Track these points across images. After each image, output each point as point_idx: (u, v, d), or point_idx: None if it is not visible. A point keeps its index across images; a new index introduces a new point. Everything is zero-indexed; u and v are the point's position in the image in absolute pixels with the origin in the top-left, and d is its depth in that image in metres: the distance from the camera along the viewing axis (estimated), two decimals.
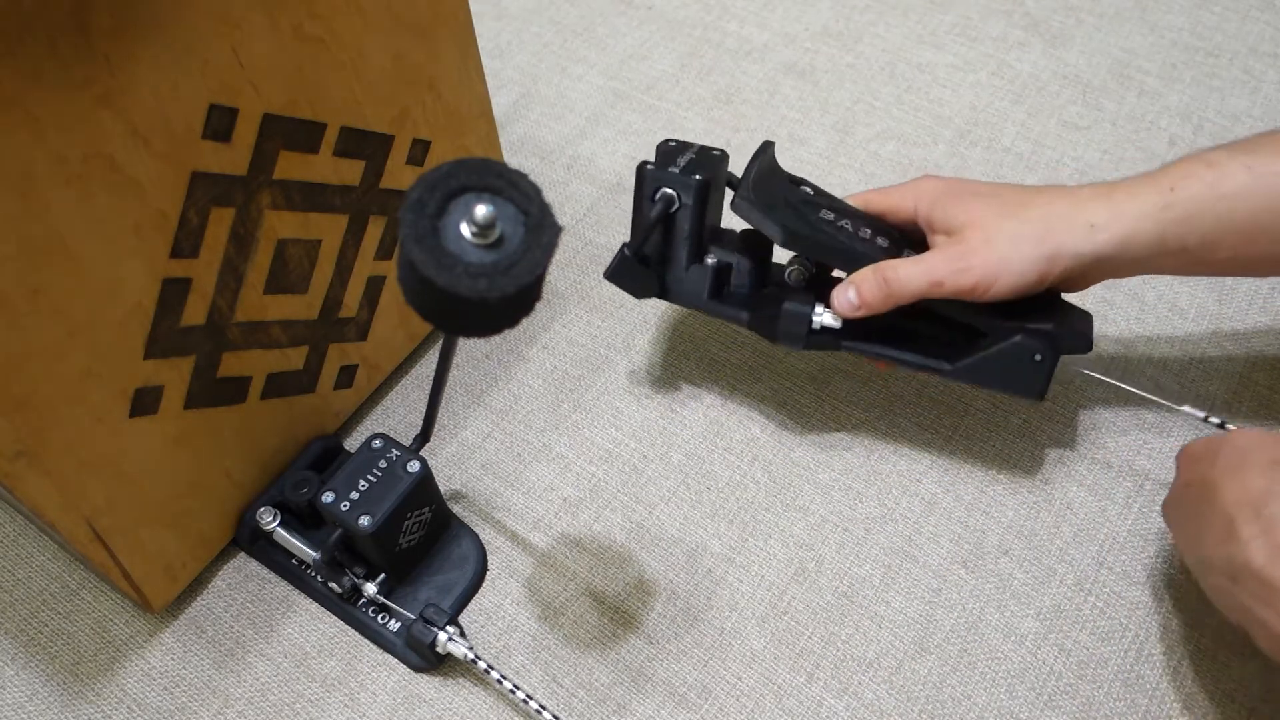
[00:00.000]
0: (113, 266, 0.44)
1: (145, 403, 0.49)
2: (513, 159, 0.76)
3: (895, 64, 0.80)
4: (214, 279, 0.50)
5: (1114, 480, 0.58)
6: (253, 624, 0.56)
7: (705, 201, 0.55)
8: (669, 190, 0.55)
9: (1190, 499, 0.47)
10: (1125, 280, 0.67)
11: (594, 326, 0.67)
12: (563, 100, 0.80)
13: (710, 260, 0.56)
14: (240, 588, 0.58)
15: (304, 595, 0.57)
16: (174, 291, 0.48)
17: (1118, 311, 0.65)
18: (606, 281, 0.57)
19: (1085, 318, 0.54)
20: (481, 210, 0.37)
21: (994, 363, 0.52)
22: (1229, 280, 0.66)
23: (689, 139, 0.76)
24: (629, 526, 0.59)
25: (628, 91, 0.80)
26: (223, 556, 0.59)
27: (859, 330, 0.55)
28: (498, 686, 0.52)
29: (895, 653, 0.53)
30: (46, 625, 0.57)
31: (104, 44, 0.40)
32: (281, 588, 0.58)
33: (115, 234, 0.44)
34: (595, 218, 0.73)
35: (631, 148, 0.77)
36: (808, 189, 0.57)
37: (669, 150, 0.57)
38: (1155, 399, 0.57)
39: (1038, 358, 0.51)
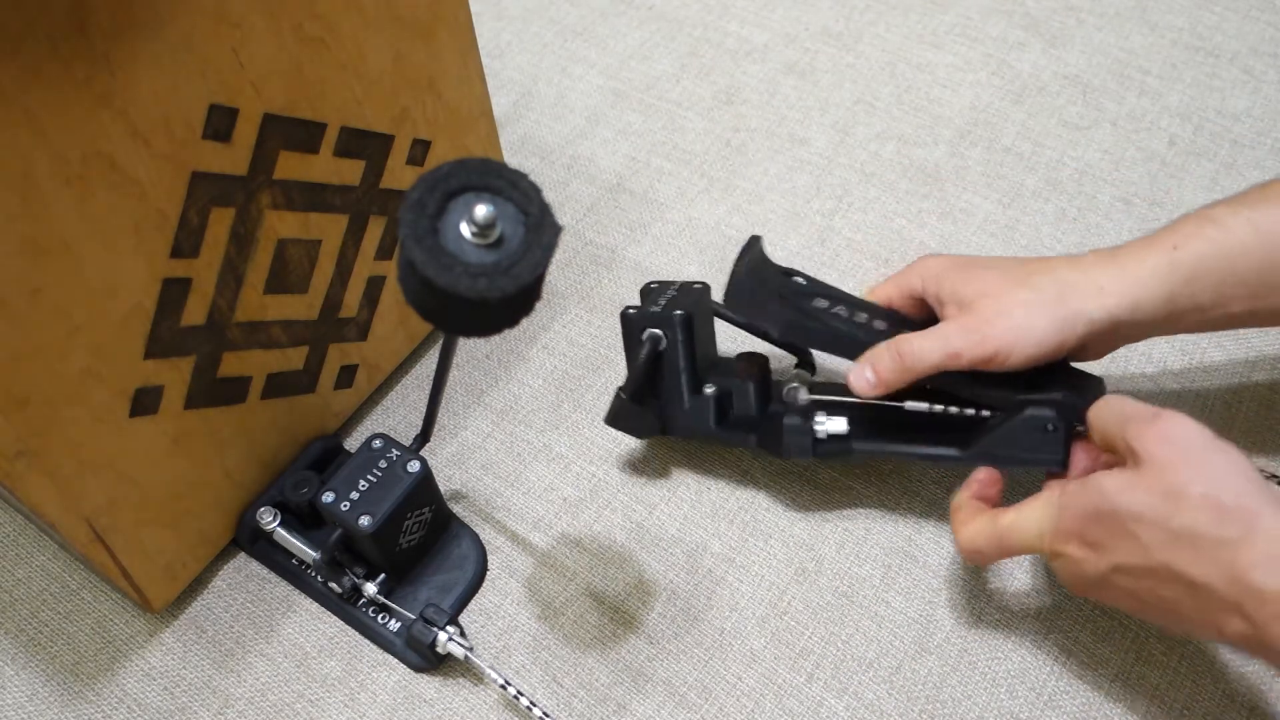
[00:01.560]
0: (113, 266, 0.44)
1: (145, 403, 0.49)
2: (513, 159, 0.76)
3: (895, 64, 0.80)
4: (214, 279, 0.50)
5: None
6: (253, 624, 0.56)
7: (692, 334, 0.55)
8: (655, 330, 0.55)
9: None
10: None
11: (594, 326, 0.67)
12: (563, 100, 0.80)
13: (709, 390, 0.56)
14: (240, 588, 0.58)
15: (304, 595, 0.57)
16: (174, 291, 0.48)
17: None
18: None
19: (1096, 382, 0.52)
20: (481, 210, 0.37)
21: (1007, 439, 0.50)
22: None
23: (689, 139, 0.76)
24: (629, 526, 0.59)
25: (628, 91, 0.80)
26: (223, 556, 0.59)
27: (867, 431, 0.54)
28: (498, 686, 0.52)
29: (895, 653, 0.53)
30: (47, 625, 0.57)
31: (104, 44, 0.40)
32: (281, 588, 0.58)
33: (115, 234, 0.44)
34: (595, 218, 0.73)
35: (631, 148, 0.77)
36: (800, 279, 0.56)
37: (650, 291, 0.58)
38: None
39: (1050, 428, 0.49)
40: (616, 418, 0.57)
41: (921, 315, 0.55)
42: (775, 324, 0.53)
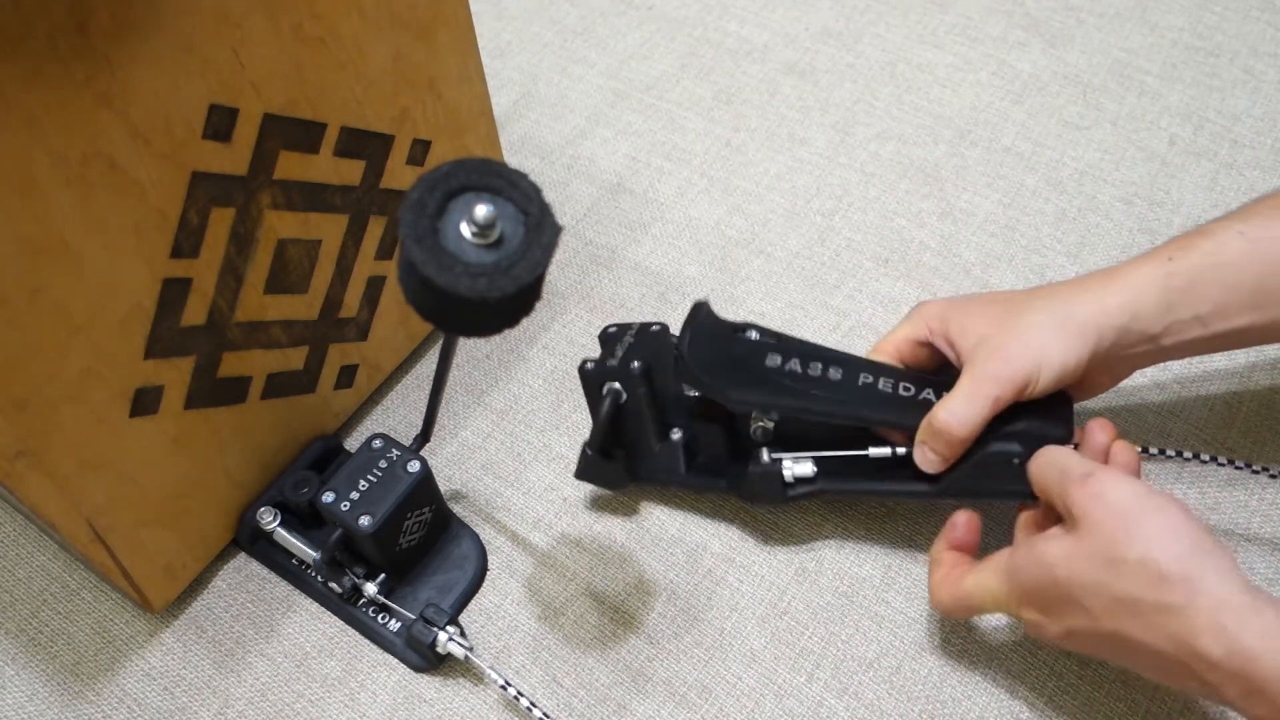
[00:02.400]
0: (113, 266, 0.44)
1: (145, 403, 0.49)
2: (513, 159, 0.76)
3: (895, 64, 0.80)
4: (214, 279, 0.50)
5: None
6: (253, 624, 0.56)
7: (653, 383, 0.54)
8: (614, 385, 0.54)
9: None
10: None
11: (594, 326, 0.67)
12: (563, 100, 0.80)
13: (676, 435, 0.55)
14: (240, 588, 0.58)
15: (304, 595, 0.57)
16: (174, 291, 0.48)
17: None
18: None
19: (1062, 402, 0.51)
20: (481, 210, 0.37)
21: (974, 474, 0.50)
22: None
23: (689, 139, 0.76)
24: (629, 526, 0.59)
25: (628, 91, 0.80)
26: (223, 556, 0.59)
27: (836, 470, 0.53)
28: (498, 687, 0.52)
29: (895, 653, 0.53)
30: (47, 625, 0.57)
31: (104, 44, 0.40)
32: (281, 588, 0.58)
33: (115, 234, 0.44)
34: (595, 218, 0.73)
35: (631, 148, 0.77)
36: (752, 333, 0.54)
37: (609, 338, 0.56)
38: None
39: (1016, 461, 0.49)
40: (585, 473, 0.57)
41: (934, 363, 0.54)
42: (727, 398, 0.51)
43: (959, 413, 0.48)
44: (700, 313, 0.54)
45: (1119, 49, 0.79)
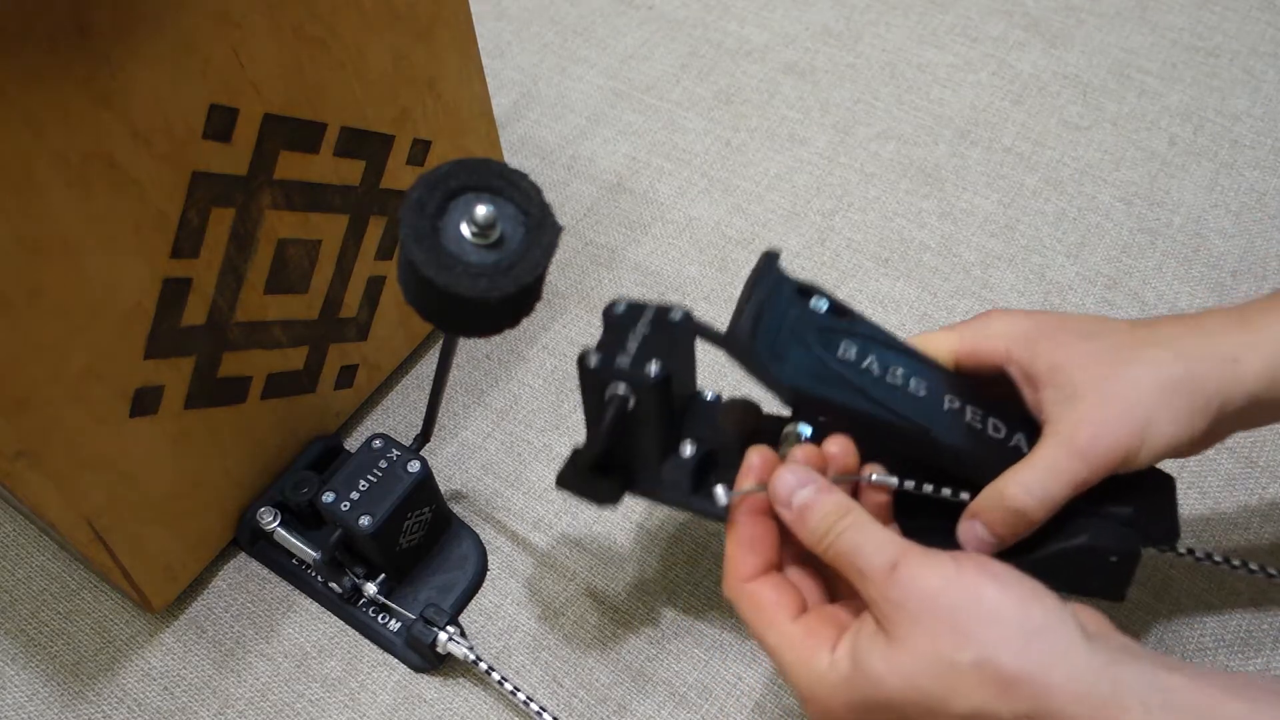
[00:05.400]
0: (113, 266, 0.44)
1: (145, 403, 0.49)
2: (513, 159, 0.76)
3: (895, 64, 0.80)
4: (214, 279, 0.50)
5: None
6: (253, 624, 0.56)
7: (668, 391, 0.42)
8: (620, 389, 0.42)
9: None
10: (1125, 279, 0.67)
11: (594, 326, 0.67)
12: (563, 100, 0.80)
13: (689, 451, 0.44)
14: (240, 588, 0.58)
15: (304, 595, 0.57)
16: (174, 291, 0.48)
17: (1118, 312, 0.65)
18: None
19: (1167, 487, 0.41)
20: (481, 210, 0.37)
21: (1053, 566, 0.40)
22: (1229, 281, 0.66)
23: (689, 139, 0.76)
24: (629, 526, 0.59)
25: (628, 91, 0.80)
26: (223, 556, 0.59)
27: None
28: (498, 686, 0.52)
29: None
30: (47, 625, 0.57)
31: (104, 44, 0.40)
32: (281, 588, 0.58)
33: (115, 234, 0.44)
34: (595, 218, 0.73)
35: (631, 148, 0.77)
36: (820, 301, 0.42)
37: (616, 321, 0.43)
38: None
39: (1113, 559, 0.39)
40: (571, 482, 0.46)
41: (989, 376, 0.43)
42: (785, 393, 0.40)
43: (1036, 491, 0.38)
44: (770, 270, 0.42)
45: (1119, 49, 0.79)
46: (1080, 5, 0.83)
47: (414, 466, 0.53)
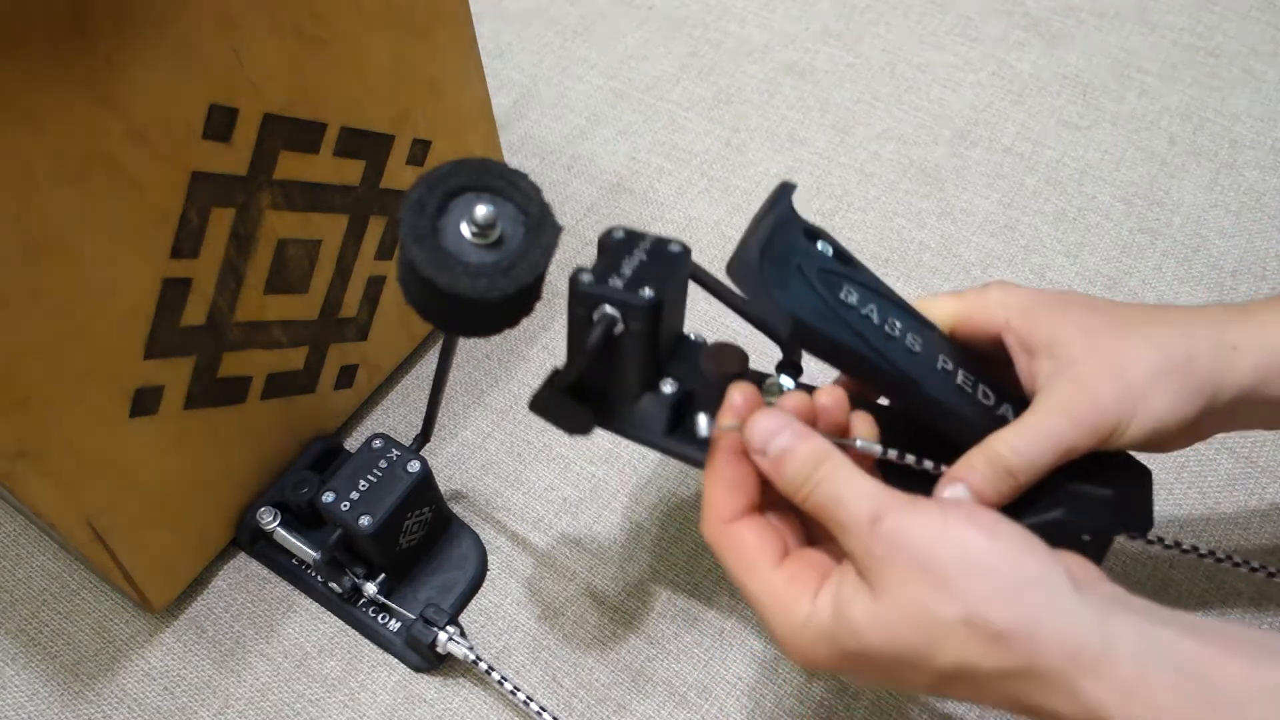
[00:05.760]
0: (113, 266, 0.44)
1: (145, 403, 0.49)
2: (513, 159, 0.76)
3: (895, 64, 0.80)
4: (214, 279, 0.50)
5: None
6: (253, 624, 0.56)
7: (658, 323, 0.42)
8: (611, 311, 0.41)
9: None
10: (1123, 279, 0.67)
11: None
12: (563, 100, 0.80)
13: (668, 389, 0.43)
14: (240, 588, 0.58)
15: (304, 595, 0.57)
16: (174, 291, 0.48)
17: None
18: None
19: (1145, 478, 0.41)
20: (481, 210, 0.37)
21: None
22: (1228, 281, 0.66)
23: (689, 139, 0.76)
24: (629, 526, 0.59)
25: (628, 91, 0.80)
26: (223, 556, 0.59)
27: None
28: (498, 686, 0.52)
29: None
30: (47, 625, 0.57)
31: (104, 44, 0.40)
32: (281, 588, 0.58)
33: (115, 234, 0.44)
34: (595, 218, 0.73)
35: (631, 148, 0.77)
36: (825, 245, 0.42)
37: (612, 246, 0.43)
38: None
39: (1085, 538, 0.39)
40: (544, 407, 0.45)
41: (984, 349, 0.43)
42: (784, 322, 0.39)
43: (1024, 451, 0.38)
44: (784, 201, 0.42)
45: (1119, 49, 0.79)
46: (1080, 5, 0.83)
47: (414, 466, 0.53)
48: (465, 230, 0.38)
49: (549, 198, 0.40)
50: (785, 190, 0.42)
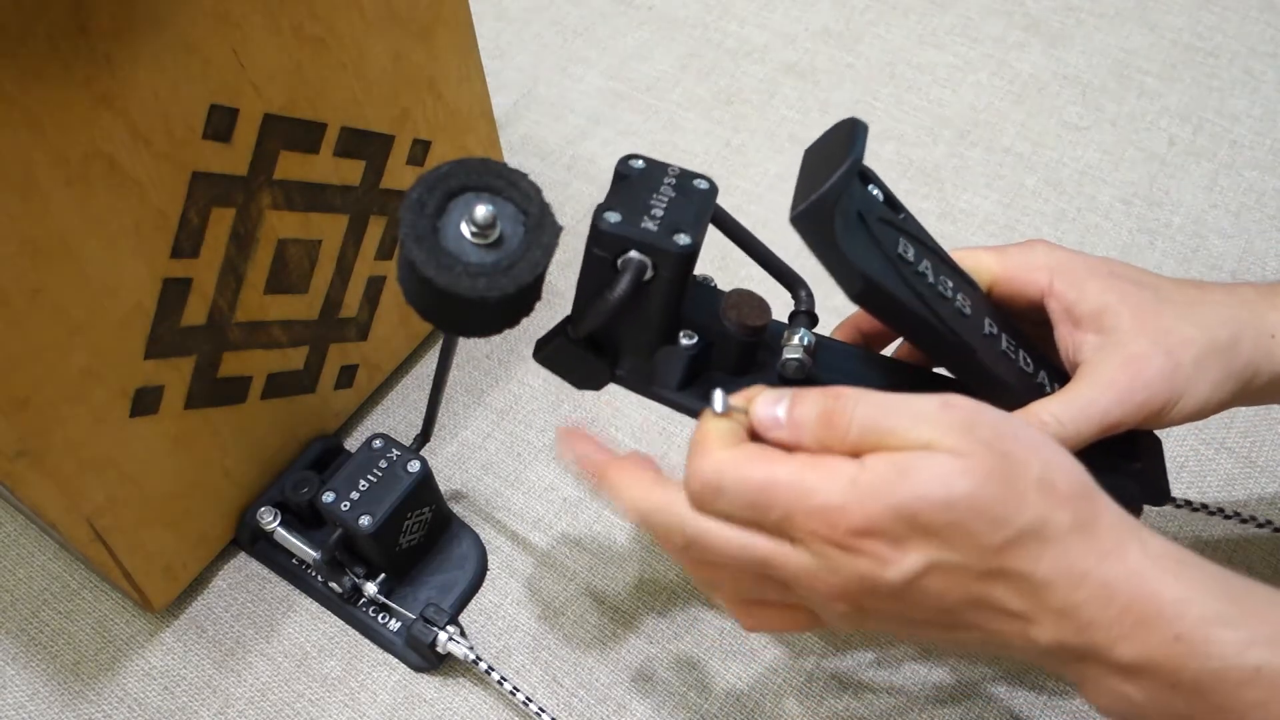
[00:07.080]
0: (113, 266, 0.44)
1: (146, 403, 0.49)
2: (513, 159, 0.76)
3: (895, 64, 0.80)
4: (214, 279, 0.50)
5: None
6: (253, 624, 0.56)
7: (690, 272, 0.38)
8: (640, 257, 0.37)
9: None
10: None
11: None
12: (563, 100, 0.80)
13: (686, 341, 0.40)
14: (240, 588, 0.58)
15: (304, 595, 0.57)
16: (174, 291, 0.48)
17: None
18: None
19: (1158, 449, 0.41)
20: (481, 210, 0.37)
21: None
22: (1228, 281, 0.66)
23: (689, 139, 0.76)
24: (629, 527, 0.59)
25: (628, 91, 0.80)
26: (223, 556, 0.59)
27: None
28: (498, 686, 0.52)
29: (898, 652, 0.53)
30: (47, 625, 0.57)
31: (104, 44, 0.40)
32: (282, 588, 0.58)
33: (115, 234, 0.44)
34: None
35: (631, 148, 0.76)
36: (877, 192, 0.39)
37: (631, 180, 0.39)
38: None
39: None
40: (554, 358, 0.41)
41: (1019, 309, 0.41)
42: (853, 281, 0.36)
43: (1068, 424, 0.37)
44: (858, 142, 0.37)
45: (1119, 49, 0.79)
46: (1080, 5, 0.83)
47: (414, 466, 0.53)
48: (465, 230, 0.38)
49: (549, 198, 0.40)
50: (860, 130, 0.38)
